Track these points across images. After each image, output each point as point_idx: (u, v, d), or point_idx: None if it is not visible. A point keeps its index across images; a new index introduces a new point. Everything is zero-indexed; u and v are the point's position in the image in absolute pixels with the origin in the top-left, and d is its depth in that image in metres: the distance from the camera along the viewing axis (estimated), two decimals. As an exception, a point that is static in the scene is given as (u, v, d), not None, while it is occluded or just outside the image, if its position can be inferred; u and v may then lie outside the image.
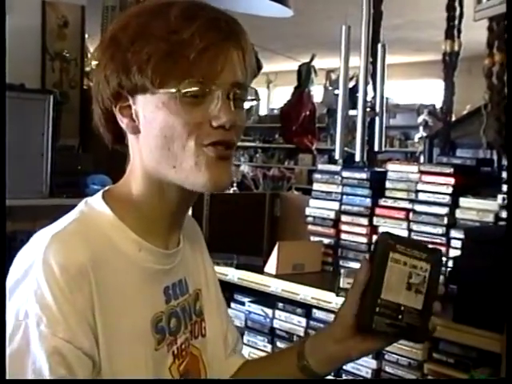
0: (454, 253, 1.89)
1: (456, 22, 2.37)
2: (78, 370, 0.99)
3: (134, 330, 1.09)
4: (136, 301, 1.10)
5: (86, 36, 4.24)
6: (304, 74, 5.88)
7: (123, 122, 1.10)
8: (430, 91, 9.24)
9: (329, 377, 1.30)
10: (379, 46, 2.33)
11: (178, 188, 1.11)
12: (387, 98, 8.82)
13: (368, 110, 2.27)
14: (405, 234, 2.00)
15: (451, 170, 1.94)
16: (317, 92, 6.49)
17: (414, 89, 10.66)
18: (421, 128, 8.40)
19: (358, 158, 2.13)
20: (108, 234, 1.10)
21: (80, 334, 1.00)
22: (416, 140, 8.69)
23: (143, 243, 1.12)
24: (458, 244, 1.86)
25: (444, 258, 1.83)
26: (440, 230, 1.93)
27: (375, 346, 1.17)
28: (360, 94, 2.20)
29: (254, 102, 1.15)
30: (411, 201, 2.00)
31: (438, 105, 3.57)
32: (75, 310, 1.01)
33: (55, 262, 1.01)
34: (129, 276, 1.10)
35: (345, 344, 1.16)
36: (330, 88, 6.48)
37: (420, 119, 8.52)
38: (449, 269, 1.88)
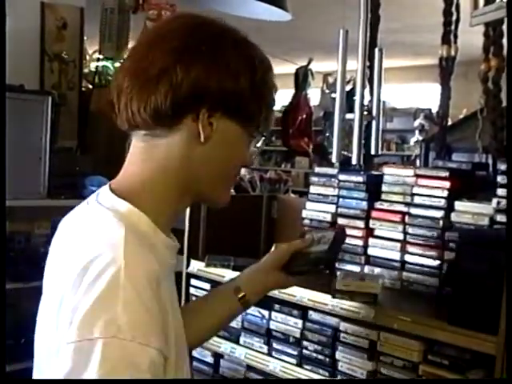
0: (449, 255, 1.91)
1: (452, 27, 2.38)
2: (160, 374, 1.03)
3: (180, 324, 1.21)
4: (173, 297, 1.21)
5: (85, 38, 4.26)
6: (301, 78, 5.89)
7: (204, 127, 1.18)
8: (427, 95, 9.27)
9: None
10: (376, 50, 2.34)
11: (194, 196, 1.26)
12: (384, 102, 8.81)
13: (365, 113, 2.29)
14: (400, 236, 2.02)
15: (447, 174, 1.95)
16: (313, 95, 6.50)
17: (411, 92, 10.69)
18: (417, 132, 8.43)
19: (354, 161, 2.14)
20: (149, 237, 1.16)
21: (163, 340, 1.04)
22: (412, 144, 8.71)
23: (168, 240, 1.22)
24: (453, 247, 1.88)
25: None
26: (435, 233, 1.94)
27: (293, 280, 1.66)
28: (357, 98, 2.21)
29: None
30: (407, 204, 2.02)
31: (435, 109, 3.59)
32: (158, 318, 1.05)
33: (141, 276, 1.05)
34: (167, 274, 1.19)
35: (274, 275, 1.63)
36: (327, 91, 6.50)
37: (416, 123, 8.55)
38: (443, 272, 1.90)
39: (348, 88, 2.40)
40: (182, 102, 1.15)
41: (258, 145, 1.32)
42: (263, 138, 1.33)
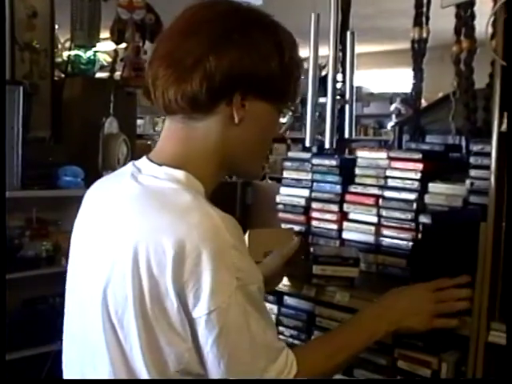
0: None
1: (424, 9, 2.37)
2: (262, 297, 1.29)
3: None
4: None
5: (56, 27, 4.21)
6: (276, 64, 5.90)
7: (238, 110, 1.27)
8: (403, 80, 9.26)
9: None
10: (348, 33, 2.33)
11: (230, 170, 1.40)
12: (361, 87, 8.79)
13: (338, 97, 2.28)
14: (374, 219, 2.01)
15: (420, 156, 1.94)
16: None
17: (388, 77, 10.70)
18: (393, 116, 8.45)
19: (327, 145, 2.13)
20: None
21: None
22: (389, 128, 8.73)
23: None
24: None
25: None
26: (409, 216, 1.93)
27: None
28: (329, 82, 2.20)
29: None
30: (380, 187, 2.01)
31: (410, 93, 3.59)
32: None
33: (237, 238, 1.20)
34: None
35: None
36: (303, 77, 6.47)
37: (392, 107, 8.56)
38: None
39: (324, 73, 2.38)
40: (216, 89, 1.24)
41: (285, 120, 1.42)
42: (291, 111, 1.49)
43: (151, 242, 1.16)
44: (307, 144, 2.18)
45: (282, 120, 1.45)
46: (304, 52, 2.71)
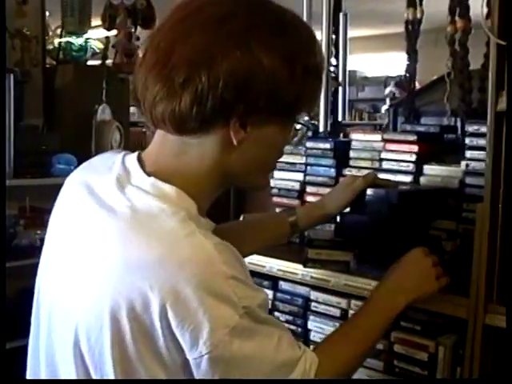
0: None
1: (418, -11, 2.34)
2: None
3: None
4: None
5: (47, 13, 4.18)
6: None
7: (236, 132, 1.11)
8: (399, 63, 9.22)
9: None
10: (341, 15, 2.31)
11: (231, 185, 1.29)
12: (355, 71, 8.73)
13: (331, 80, 2.26)
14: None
15: (415, 138, 1.92)
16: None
17: (383, 61, 10.66)
18: (388, 100, 8.41)
19: (321, 128, 2.11)
20: (200, 220, 1.14)
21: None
22: (383, 112, 8.71)
23: (205, 222, 1.20)
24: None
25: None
26: (405, 198, 1.91)
27: None
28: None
29: None
30: (375, 169, 1.98)
31: (405, 76, 3.56)
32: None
33: (234, 266, 1.09)
34: None
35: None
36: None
37: (387, 91, 8.52)
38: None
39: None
40: (209, 113, 1.07)
41: (298, 127, 1.25)
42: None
43: (137, 276, 1.05)
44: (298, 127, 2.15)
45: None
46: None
